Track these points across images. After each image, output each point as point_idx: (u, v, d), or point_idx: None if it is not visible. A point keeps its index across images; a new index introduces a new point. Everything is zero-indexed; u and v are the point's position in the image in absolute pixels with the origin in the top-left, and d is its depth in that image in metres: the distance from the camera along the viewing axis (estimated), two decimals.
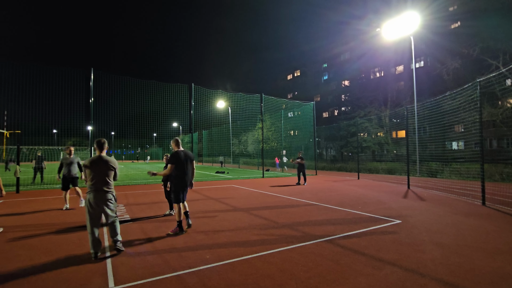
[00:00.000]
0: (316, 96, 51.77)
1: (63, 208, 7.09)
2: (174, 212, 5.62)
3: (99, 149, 4.10)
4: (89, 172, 3.91)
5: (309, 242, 4.37)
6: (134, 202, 8.07)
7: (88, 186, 3.92)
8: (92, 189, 3.87)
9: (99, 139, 4.13)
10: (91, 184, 3.88)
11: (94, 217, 3.84)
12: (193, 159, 5.27)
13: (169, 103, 15.54)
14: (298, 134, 25.08)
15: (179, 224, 4.96)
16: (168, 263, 3.55)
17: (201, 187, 12.10)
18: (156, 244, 4.35)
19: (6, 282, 3.05)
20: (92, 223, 3.81)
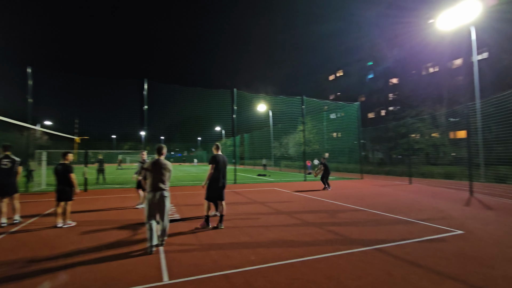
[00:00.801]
0: (361, 96, 49.31)
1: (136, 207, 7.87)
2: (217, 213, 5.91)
3: (158, 153, 4.58)
4: (149, 174, 4.33)
5: (357, 250, 4.17)
6: (183, 203, 8.57)
7: (148, 186, 4.33)
8: (151, 188, 4.29)
9: (159, 145, 4.61)
10: (151, 184, 4.30)
11: (152, 214, 4.23)
12: (227, 163, 5.71)
13: (213, 108, 16.23)
14: (341, 136, 24.14)
15: (206, 219, 5.47)
16: (215, 262, 3.70)
17: (244, 189, 12.35)
18: (204, 243, 4.57)
19: (79, 266, 3.48)
20: (150, 219, 4.21)
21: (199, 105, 16.16)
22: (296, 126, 25.47)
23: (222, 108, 16.15)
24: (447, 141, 30.62)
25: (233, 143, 19.39)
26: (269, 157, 32.91)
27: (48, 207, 7.77)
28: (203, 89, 15.32)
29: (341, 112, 23.61)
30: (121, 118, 14.99)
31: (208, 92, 15.62)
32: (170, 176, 4.55)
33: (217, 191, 5.52)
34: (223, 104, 16.00)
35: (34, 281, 3.17)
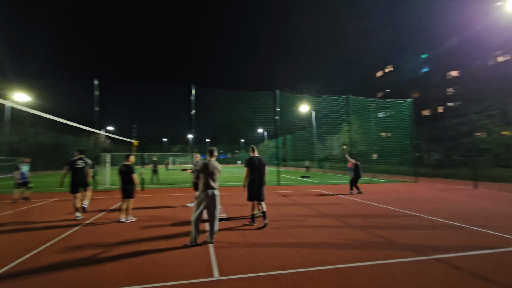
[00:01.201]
0: (413, 92, 45.40)
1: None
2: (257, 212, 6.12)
3: (209, 155, 4.90)
4: (201, 174, 4.66)
5: (413, 259, 3.87)
6: (229, 203, 8.87)
7: (200, 186, 4.65)
8: (203, 188, 4.58)
9: (210, 148, 4.96)
10: (203, 184, 4.61)
11: (201, 211, 4.53)
12: (265, 164, 5.93)
13: (255, 111, 16.51)
14: (391, 136, 22.53)
15: (252, 217, 5.88)
16: (262, 261, 3.77)
17: (287, 191, 12.30)
18: (250, 242, 4.68)
19: (140, 256, 3.85)
20: (198, 215, 4.52)
21: (242, 107, 16.58)
22: (340, 126, 24.52)
23: (264, 110, 16.35)
24: None
25: (275, 145, 19.42)
26: (312, 159, 32.21)
27: (112, 204, 8.72)
28: (246, 92, 15.70)
29: (391, 110, 22.05)
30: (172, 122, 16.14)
31: (250, 94, 15.94)
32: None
33: (256, 191, 5.80)
34: (265, 106, 16.18)
35: (101, 266, 3.60)
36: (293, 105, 19.05)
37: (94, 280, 3.23)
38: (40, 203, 8.98)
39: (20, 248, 4.42)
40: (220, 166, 4.91)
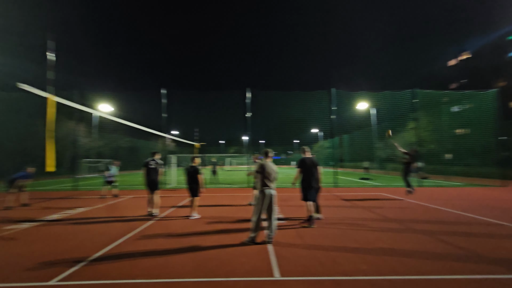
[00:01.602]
0: (498, 80, 38.68)
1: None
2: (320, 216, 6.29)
3: (265, 156, 5.04)
4: (259, 175, 4.80)
5: (504, 276, 3.32)
6: (285, 204, 8.89)
7: (258, 186, 4.77)
8: (261, 188, 4.71)
9: (266, 149, 5.09)
10: (263, 184, 4.74)
11: (262, 210, 4.66)
12: (317, 164, 6.00)
13: (310, 110, 16.17)
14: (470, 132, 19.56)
15: (309, 219, 5.83)
16: (323, 265, 3.69)
17: (345, 193, 11.74)
18: (308, 243, 4.62)
19: (207, 250, 4.14)
20: (259, 214, 4.65)
21: (296, 108, 16.42)
22: (405, 123, 22.33)
23: (319, 109, 15.90)
24: None
25: (331, 145, 18.72)
26: (372, 159, 30.04)
27: (179, 201, 9.56)
28: (299, 92, 15.52)
29: (469, 102, 19.17)
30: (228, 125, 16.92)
31: (304, 94, 15.69)
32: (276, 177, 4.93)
33: (308, 191, 5.85)
34: (320, 105, 15.72)
35: (173, 258, 3.98)
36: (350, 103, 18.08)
37: (167, 270, 3.60)
38: (121, 199, 10.36)
39: (110, 236, 5.18)
40: (276, 167, 4.99)
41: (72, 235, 5.35)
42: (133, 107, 18.29)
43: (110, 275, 3.43)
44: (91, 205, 8.95)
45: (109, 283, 3.22)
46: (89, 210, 8.17)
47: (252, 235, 4.66)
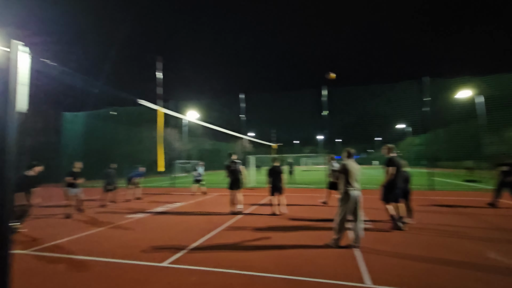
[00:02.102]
0: None
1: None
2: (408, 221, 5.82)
3: (348, 156, 4.83)
4: (343, 175, 4.60)
5: None
6: (369, 206, 8.24)
7: (342, 187, 4.58)
8: (349, 188, 4.51)
9: (348, 149, 4.88)
10: (348, 184, 4.53)
11: (348, 212, 4.47)
12: (403, 165, 5.70)
13: (395, 104, 14.55)
14: None
15: (395, 221, 5.46)
16: (418, 278, 3.28)
17: (445, 197, 10.10)
18: (399, 251, 4.17)
19: (289, 249, 4.21)
20: (343, 216, 4.47)
21: (378, 102, 15.06)
22: None
23: (406, 101, 14.13)
24: None
25: (423, 142, 16.42)
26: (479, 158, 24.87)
27: (260, 199, 10.00)
28: (381, 85, 14.14)
29: None
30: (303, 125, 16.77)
31: (388, 87, 14.22)
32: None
33: (393, 192, 5.53)
34: (408, 97, 13.97)
35: (256, 253, 4.19)
36: (448, 92, 15.46)
37: (251, 263, 3.81)
38: (208, 197, 11.50)
39: (203, 229, 5.83)
40: (359, 167, 4.73)
41: (174, 226, 6.24)
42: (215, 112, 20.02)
43: (205, 263, 3.85)
44: (185, 201, 10.24)
45: (205, 270, 3.62)
46: (184, 205, 9.36)
47: (336, 238, 4.50)
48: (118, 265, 3.86)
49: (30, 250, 4.60)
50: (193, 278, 3.37)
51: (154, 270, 3.66)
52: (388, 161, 5.59)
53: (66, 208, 7.50)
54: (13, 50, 1.92)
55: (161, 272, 3.58)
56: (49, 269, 3.76)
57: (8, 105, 1.89)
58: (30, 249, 4.62)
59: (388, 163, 5.57)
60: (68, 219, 7.18)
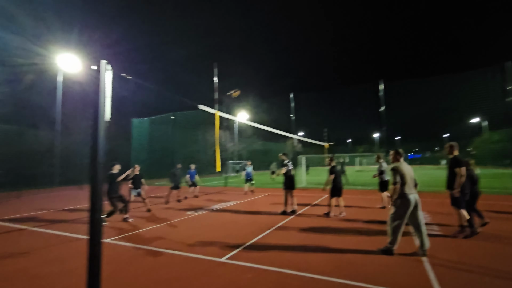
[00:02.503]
0: None
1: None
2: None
3: (399, 158, 4.48)
4: (401, 177, 4.19)
5: None
6: (434, 211, 7.43)
7: (400, 190, 4.17)
8: (405, 192, 4.12)
9: (398, 149, 4.53)
10: (404, 188, 4.13)
11: (404, 218, 4.10)
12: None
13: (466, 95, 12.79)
14: None
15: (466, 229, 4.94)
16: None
17: None
18: (473, 263, 3.66)
19: (346, 253, 4.05)
20: (399, 223, 4.10)
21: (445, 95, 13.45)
22: None
23: (481, 92, 12.30)
24: None
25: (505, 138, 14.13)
26: None
27: (311, 200, 9.82)
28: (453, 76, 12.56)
29: None
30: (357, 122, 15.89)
31: (458, 77, 12.58)
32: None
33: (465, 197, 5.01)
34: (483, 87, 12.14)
35: (312, 255, 4.11)
36: None
37: (307, 265, 3.76)
38: (259, 196, 11.71)
39: (256, 227, 5.98)
40: (411, 168, 4.40)
41: (229, 223, 6.53)
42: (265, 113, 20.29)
43: (261, 261, 3.95)
44: (238, 200, 10.62)
45: (261, 267, 3.71)
46: (238, 203, 9.72)
47: (390, 246, 4.15)
48: (182, 257, 4.21)
49: (109, 239, 5.31)
50: (249, 275, 3.49)
51: (214, 264, 3.90)
52: (455, 161, 4.95)
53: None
54: (102, 68, 2.26)
55: (220, 267, 3.79)
56: (124, 257, 4.30)
57: (99, 116, 2.23)
58: (109, 239, 5.34)
59: (455, 163, 4.93)
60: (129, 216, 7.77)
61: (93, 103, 2.32)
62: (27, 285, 3.35)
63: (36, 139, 21.51)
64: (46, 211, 8.89)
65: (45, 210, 8.98)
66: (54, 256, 4.38)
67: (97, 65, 2.32)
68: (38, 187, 20.11)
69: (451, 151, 5.10)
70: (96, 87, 2.27)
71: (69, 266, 3.95)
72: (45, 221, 7.17)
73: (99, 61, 2.27)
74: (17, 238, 5.62)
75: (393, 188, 4.18)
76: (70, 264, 4.02)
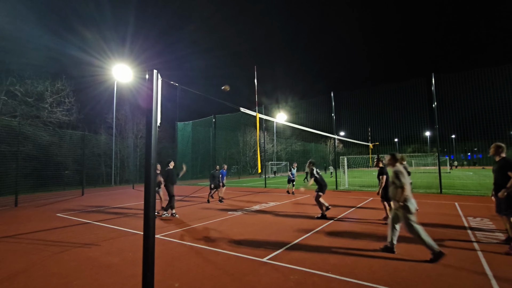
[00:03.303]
0: None
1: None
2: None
3: (397, 162, 4.50)
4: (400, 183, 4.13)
5: None
6: None
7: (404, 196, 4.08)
8: (411, 196, 4.12)
9: (395, 153, 4.61)
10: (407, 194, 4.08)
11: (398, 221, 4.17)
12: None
13: None
14: None
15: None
16: None
17: None
18: None
19: (398, 260, 3.79)
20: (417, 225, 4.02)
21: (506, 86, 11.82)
22: None
23: None
24: None
25: None
26: None
27: (357, 202, 9.39)
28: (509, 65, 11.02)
29: None
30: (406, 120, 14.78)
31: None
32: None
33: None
34: None
35: (362, 260, 3.92)
36: None
37: (356, 271, 3.61)
38: (299, 197, 11.55)
39: (298, 229, 5.92)
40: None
41: (271, 224, 6.57)
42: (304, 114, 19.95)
43: (304, 263, 3.90)
44: (278, 201, 10.61)
45: (305, 270, 3.66)
46: (278, 205, 9.71)
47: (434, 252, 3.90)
48: (226, 255, 4.36)
49: (159, 235, 5.72)
50: (294, 277, 3.47)
51: (257, 264, 3.96)
52: (506, 163, 4.39)
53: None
54: (154, 78, 2.47)
55: (263, 267, 3.83)
56: (173, 252, 4.59)
57: (153, 122, 2.44)
58: (159, 235, 5.74)
59: (508, 166, 4.36)
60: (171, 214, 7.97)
61: (147, 110, 2.53)
62: (97, 272, 3.77)
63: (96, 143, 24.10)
64: (105, 207, 9.90)
65: (105, 206, 10.00)
66: (116, 248, 4.86)
67: (149, 74, 2.53)
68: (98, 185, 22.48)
69: (498, 152, 4.63)
70: (150, 95, 2.47)
71: (129, 257, 4.35)
72: (105, 216, 7.99)
73: (151, 70, 2.48)
74: (83, 230, 6.35)
75: (399, 191, 4.09)
76: (130, 255, 4.43)
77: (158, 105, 2.59)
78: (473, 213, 7.36)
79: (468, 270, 3.58)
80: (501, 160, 4.52)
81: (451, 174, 26.15)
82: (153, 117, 2.45)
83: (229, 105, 4.87)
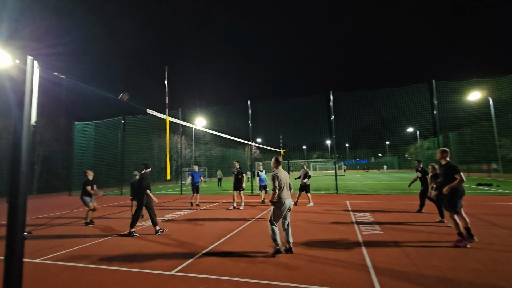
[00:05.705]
0: None
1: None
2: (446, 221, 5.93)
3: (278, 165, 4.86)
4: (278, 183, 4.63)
5: None
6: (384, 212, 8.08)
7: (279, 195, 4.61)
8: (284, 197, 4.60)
9: (277, 157, 4.92)
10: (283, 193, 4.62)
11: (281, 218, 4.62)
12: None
13: (403, 108, 14.40)
14: None
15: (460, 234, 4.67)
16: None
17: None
18: (417, 263, 4.05)
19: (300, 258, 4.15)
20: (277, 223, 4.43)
21: (386, 106, 14.91)
22: None
23: (416, 106, 14.00)
24: None
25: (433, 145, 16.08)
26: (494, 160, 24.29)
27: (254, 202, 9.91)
28: (391, 89, 14.03)
29: None
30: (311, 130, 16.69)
31: (396, 91, 14.10)
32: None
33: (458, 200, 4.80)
34: (417, 101, 13.83)
35: (268, 259, 4.13)
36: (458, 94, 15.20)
37: (264, 272, 3.76)
38: (211, 205, 11.44)
39: (213, 235, 5.79)
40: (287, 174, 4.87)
41: (185, 232, 6.23)
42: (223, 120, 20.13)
43: (215, 271, 3.82)
44: (192, 209, 10.25)
45: (215, 278, 3.59)
46: (192, 212, 9.37)
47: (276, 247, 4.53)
48: (127, 273, 3.87)
49: (40, 259, 4.67)
50: (204, 287, 3.35)
51: (164, 278, 3.66)
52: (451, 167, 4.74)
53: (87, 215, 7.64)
54: (29, 65, 2.00)
55: (171, 281, 3.56)
56: (56, 279, 3.80)
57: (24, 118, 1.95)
58: (40, 258, 4.69)
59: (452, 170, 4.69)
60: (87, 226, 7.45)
61: (17, 104, 2.03)
62: None
63: None
64: None
65: None
66: None
67: (23, 61, 2.04)
68: None
69: (443, 156, 4.91)
70: (21, 86, 1.98)
71: None
72: None
73: (25, 57, 2.00)
74: None
75: (272, 193, 4.53)
76: None
77: (34, 99, 2.10)
78: (358, 208, 8.82)
79: (351, 261, 4.22)
80: (446, 164, 4.85)
81: (345, 177, 30.92)
82: (25, 114, 1.97)
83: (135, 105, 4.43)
